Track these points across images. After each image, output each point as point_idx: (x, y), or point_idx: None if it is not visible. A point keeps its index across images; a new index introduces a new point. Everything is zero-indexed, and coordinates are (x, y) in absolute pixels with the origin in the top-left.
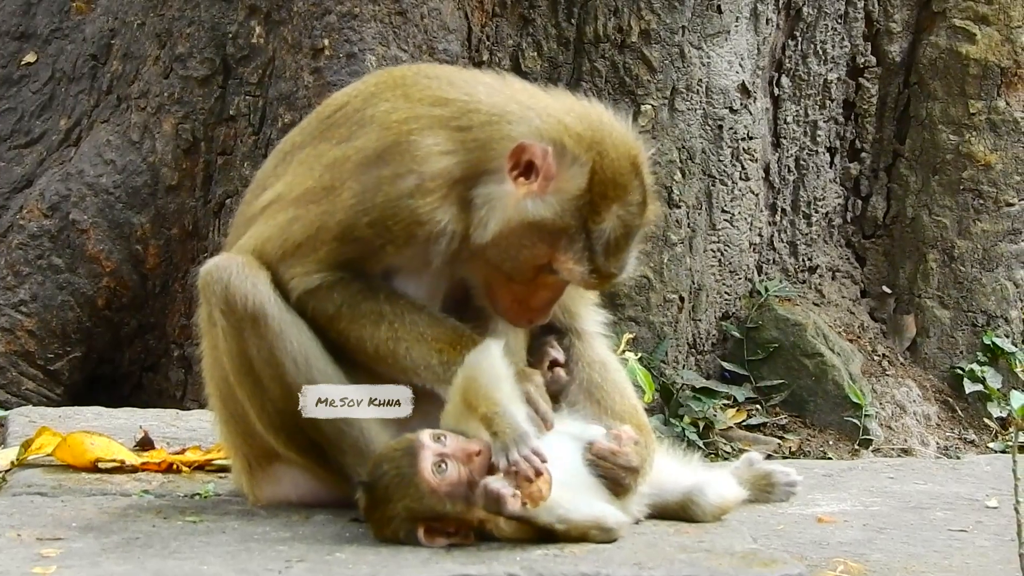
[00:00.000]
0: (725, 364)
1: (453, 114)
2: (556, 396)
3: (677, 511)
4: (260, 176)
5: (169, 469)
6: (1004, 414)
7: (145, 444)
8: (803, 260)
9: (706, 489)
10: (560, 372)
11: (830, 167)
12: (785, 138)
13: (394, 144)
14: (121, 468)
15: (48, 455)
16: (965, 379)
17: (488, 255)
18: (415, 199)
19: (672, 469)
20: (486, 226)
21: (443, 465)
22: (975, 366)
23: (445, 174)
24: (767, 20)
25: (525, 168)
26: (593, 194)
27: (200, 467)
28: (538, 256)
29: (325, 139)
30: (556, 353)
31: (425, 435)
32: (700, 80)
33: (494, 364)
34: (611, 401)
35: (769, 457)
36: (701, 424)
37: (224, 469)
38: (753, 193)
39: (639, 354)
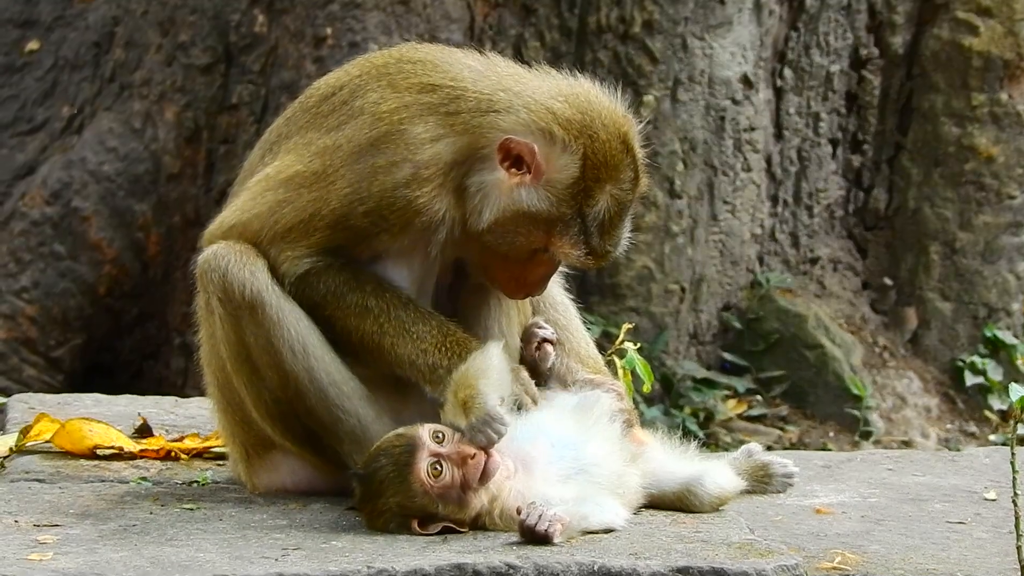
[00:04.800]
0: (726, 355)
1: (442, 100)
2: (546, 373)
3: (674, 502)
4: (247, 167)
5: (167, 456)
6: (1004, 406)
7: (143, 431)
8: (804, 252)
9: (704, 480)
10: (548, 348)
11: (832, 159)
12: (787, 129)
13: (386, 134)
14: (119, 455)
15: (47, 441)
16: (966, 371)
17: (484, 240)
18: (411, 189)
19: (669, 459)
20: (481, 214)
21: (438, 467)
22: (976, 358)
23: (439, 160)
24: (770, 11)
25: (515, 160)
26: (586, 180)
27: (198, 454)
28: (534, 242)
29: (314, 128)
30: (544, 332)
31: (424, 433)
32: (702, 71)
33: (489, 358)
34: (576, 344)
35: (769, 448)
36: (701, 415)
37: (222, 457)
38: (755, 184)
39: (639, 344)
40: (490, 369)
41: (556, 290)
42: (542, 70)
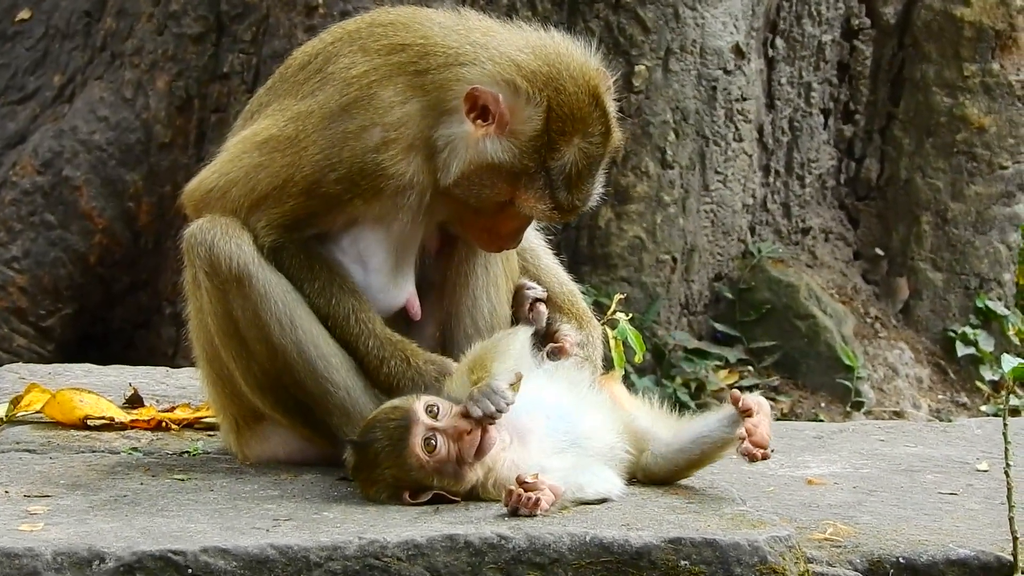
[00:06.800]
0: (717, 325)
1: (411, 59)
2: (541, 332)
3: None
4: (230, 137)
5: (158, 427)
6: (996, 377)
7: (134, 401)
8: (796, 222)
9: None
10: (541, 308)
11: (824, 129)
12: (779, 99)
13: (356, 100)
14: (110, 425)
15: (37, 412)
16: (957, 342)
17: (453, 194)
18: (380, 153)
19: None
20: (448, 168)
21: (433, 441)
22: (967, 329)
23: (406, 121)
24: None
25: (481, 111)
26: (551, 132)
27: (189, 425)
28: (499, 194)
29: (290, 95)
30: (534, 292)
31: (419, 407)
32: (694, 41)
33: (512, 342)
34: (549, 291)
35: None
36: (693, 385)
37: (213, 427)
38: (747, 154)
39: (631, 314)
40: (510, 353)
41: (526, 234)
42: (516, 24)
